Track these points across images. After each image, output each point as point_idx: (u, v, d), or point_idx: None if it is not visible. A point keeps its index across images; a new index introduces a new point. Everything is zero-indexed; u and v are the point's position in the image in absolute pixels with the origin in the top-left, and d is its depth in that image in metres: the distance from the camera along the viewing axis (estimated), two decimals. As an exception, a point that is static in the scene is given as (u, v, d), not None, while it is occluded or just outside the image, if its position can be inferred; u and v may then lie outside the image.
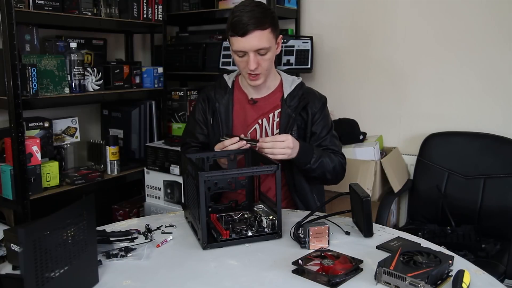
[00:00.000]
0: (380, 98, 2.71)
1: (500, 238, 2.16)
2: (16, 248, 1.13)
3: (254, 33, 1.50)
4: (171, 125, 2.80)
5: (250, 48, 1.52)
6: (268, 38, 1.54)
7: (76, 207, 1.02)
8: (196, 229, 1.32)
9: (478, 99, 2.47)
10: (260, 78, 1.61)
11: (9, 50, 1.88)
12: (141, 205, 2.65)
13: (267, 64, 1.58)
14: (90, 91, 2.31)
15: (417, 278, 0.98)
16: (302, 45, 2.59)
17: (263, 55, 1.55)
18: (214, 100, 1.72)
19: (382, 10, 2.65)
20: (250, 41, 1.51)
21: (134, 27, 2.63)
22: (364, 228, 1.33)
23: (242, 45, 1.53)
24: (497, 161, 2.28)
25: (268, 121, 1.68)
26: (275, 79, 1.72)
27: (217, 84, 1.76)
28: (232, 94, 1.72)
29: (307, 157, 1.57)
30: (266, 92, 1.70)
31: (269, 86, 1.71)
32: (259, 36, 1.51)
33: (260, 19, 1.51)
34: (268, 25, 1.53)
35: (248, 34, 1.50)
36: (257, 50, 1.53)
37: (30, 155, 2.02)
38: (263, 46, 1.53)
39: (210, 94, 1.74)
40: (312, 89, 1.75)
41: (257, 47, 1.53)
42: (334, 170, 1.64)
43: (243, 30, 1.50)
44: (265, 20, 1.52)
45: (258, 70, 1.57)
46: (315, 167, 1.59)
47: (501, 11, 2.35)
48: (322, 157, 1.60)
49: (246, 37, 1.51)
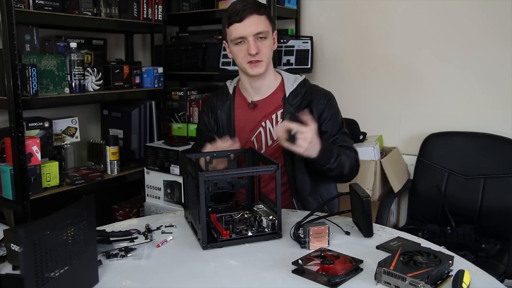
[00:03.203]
0: (380, 98, 2.71)
1: (500, 238, 2.16)
2: (16, 248, 1.13)
3: (251, 17, 1.54)
4: (171, 125, 2.80)
5: (250, 32, 1.54)
6: (265, 23, 1.56)
7: (76, 207, 1.02)
8: (196, 229, 1.32)
9: (478, 99, 2.47)
10: (261, 65, 1.59)
11: (9, 50, 1.88)
12: (141, 205, 2.65)
13: (267, 51, 1.58)
14: (90, 91, 2.31)
15: (417, 278, 0.98)
16: (302, 45, 2.59)
17: (262, 39, 1.56)
18: (216, 107, 1.73)
19: (382, 10, 2.65)
20: (248, 25, 1.54)
21: (134, 27, 2.63)
22: (364, 228, 1.33)
23: (241, 31, 1.54)
24: (497, 161, 2.28)
25: (272, 122, 1.66)
26: (276, 79, 1.70)
27: (220, 91, 1.76)
28: (233, 100, 1.71)
29: (327, 158, 1.51)
30: (267, 93, 1.68)
31: (269, 86, 1.68)
32: (256, 20, 1.54)
33: (256, 5, 1.56)
34: (264, 12, 1.57)
35: (246, 18, 1.53)
36: (256, 34, 1.55)
37: (30, 155, 2.02)
38: (261, 29, 1.55)
39: (213, 101, 1.76)
40: (317, 86, 1.71)
41: (256, 30, 1.54)
42: (351, 168, 1.58)
43: (240, 16, 1.53)
44: (261, 7, 1.56)
45: (259, 57, 1.57)
46: (334, 167, 1.53)
47: (501, 11, 2.35)
48: (340, 155, 1.54)
49: (244, 21, 1.54)
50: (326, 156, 1.50)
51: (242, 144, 1.64)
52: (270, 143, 1.68)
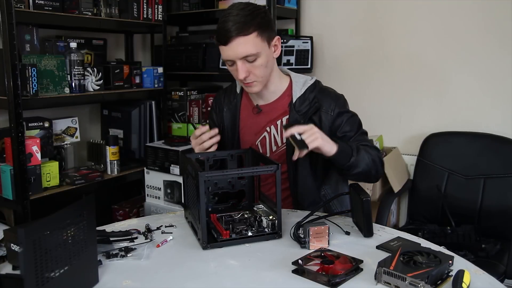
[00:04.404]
0: (380, 98, 2.71)
1: (500, 238, 2.16)
2: (16, 248, 1.13)
3: (237, 40, 1.41)
4: (171, 125, 2.80)
5: (236, 56, 1.44)
6: (254, 43, 1.43)
7: (76, 207, 1.02)
8: (196, 229, 1.32)
9: (478, 99, 2.47)
10: (255, 85, 1.51)
11: (9, 50, 1.88)
12: (141, 205, 2.65)
13: (259, 71, 1.48)
14: (90, 91, 2.31)
15: (417, 278, 0.98)
16: (302, 45, 2.59)
17: (252, 62, 1.45)
18: (222, 105, 1.68)
19: (382, 10, 2.65)
20: (234, 49, 1.42)
21: (134, 27, 2.63)
22: (364, 228, 1.33)
23: (227, 54, 1.45)
24: (497, 161, 2.28)
25: (277, 128, 1.60)
26: (282, 82, 1.61)
27: (229, 88, 1.71)
28: (240, 100, 1.66)
29: (347, 152, 1.43)
30: (272, 98, 1.61)
31: (275, 91, 1.60)
32: (243, 43, 1.41)
33: (243, 24, 1.40)
34: (253, 29, 1.41)
35: (231, 41, 1.41)
36: (243, 57, 1.44)
37: (30, 155, 2.02)
38: (248, 52, 1.43)
39: (220, 99, 1.71)
40: (328, 90, 1.61)
41: (242, 54, 1.43)
42: (374, 163, 1.48)
43: (225, 38, 1.42)
44: (249, 25, 1.41)
45: (251, 78, 1.48)
46: (358, 161, 1.43)
47: (501, 12, 2.35)
48: (360, 150, 1.46)
49: (229, 45, 1.42)
50: (345, 150, 1.43)
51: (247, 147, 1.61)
52: (275, 148, 1.62)
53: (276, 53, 1.54)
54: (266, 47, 1.48)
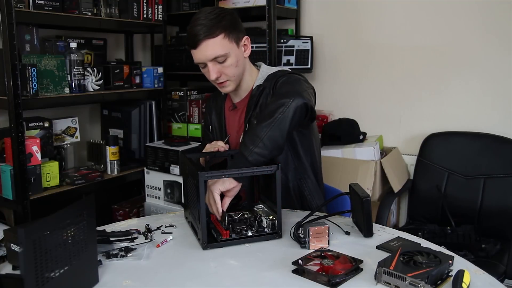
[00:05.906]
0: (380, 98, 2.71)
1: (500, 238, 2.16)
2: (16, 248, 1.13)
3: (204, 42, 1.47)
4: (171, 125, 2.80)
5: (205, 58, 1.49)
6: (222, 45, 1.48)
7: (76, 207, 1.02)
8: (196, 229, 1.32)
9: (478, 99, 2.47)
10: (228, 85, 1.56)
11: (9, 50, 1.88)
12: (141, 205, 2.65)
13: (230, 70, 1.52)
14: (90, 91, 2.31)
15: (417, 278, 0.98)
16: (302, 45, 2.59)
17: (222, 62, 1.50)
18: (211, 108, 1.76)
19: (382, 10, 2.65)
20: (203, 52, 1.48)
21: (134, 27, 2.63)
22: (364, 228, 1.33)
23: (198, 57, 1.51)
24: (497, 161, 2.28)
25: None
26: (253, 78, 1.64)
27: (218, 91, 1.75)
28: (224, 101, 1.73)
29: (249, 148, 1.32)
30: (244, 94, 1.66)
31: (247, 89, 1.64)
32: (211, 45, 1.47)
33: (209, 27, 1.46)
34: (220, 31, 1.47)
35: (199, 44, 1.47)
36: (213, 59, 1.49)
37: (30, 155, 2.02)
38: (217, 54, 1.48)
39: (210, 102, 1.79)
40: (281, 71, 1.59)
41: (211, 56, 1.48)
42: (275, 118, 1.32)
43: (194, 42, 1.48)
44: (215, 27, 1.46)
45: (223, 78, 1.54)
46: (265, 143, 1.31)
47: (500, 12, 2.35)
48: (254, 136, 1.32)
49: (199, 48, 1.48)
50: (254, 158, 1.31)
51: (233, 146, 1.65)
52: None
53: (246, 53, 1.58)
54: (235, 47, 1.53)
